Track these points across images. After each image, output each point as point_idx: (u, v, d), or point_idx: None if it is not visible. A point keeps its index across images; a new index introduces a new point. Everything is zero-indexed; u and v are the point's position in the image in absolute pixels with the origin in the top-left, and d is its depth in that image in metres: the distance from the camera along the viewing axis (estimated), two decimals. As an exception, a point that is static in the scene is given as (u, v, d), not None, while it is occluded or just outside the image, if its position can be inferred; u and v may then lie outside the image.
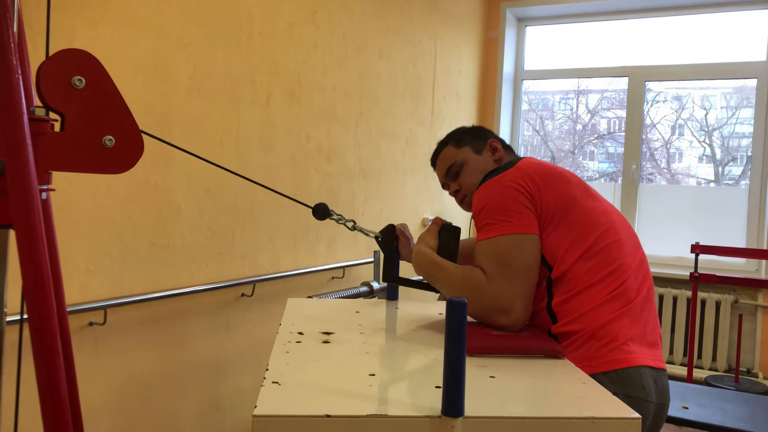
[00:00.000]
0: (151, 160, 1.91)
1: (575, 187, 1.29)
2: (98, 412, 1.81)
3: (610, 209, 1.34)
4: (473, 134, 1.52)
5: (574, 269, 1.23)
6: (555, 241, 1.24)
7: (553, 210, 1.25)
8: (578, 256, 1.23)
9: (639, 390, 1.18)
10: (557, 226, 1.25)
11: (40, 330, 0.82)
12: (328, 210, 1.35)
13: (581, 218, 1.26)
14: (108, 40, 1.75)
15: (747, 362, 3.74)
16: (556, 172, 1.30)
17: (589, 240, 1.24)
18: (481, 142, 1.51)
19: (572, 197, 1.27)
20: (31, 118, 0.85)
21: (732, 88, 4.08)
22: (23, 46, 0.92)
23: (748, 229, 3.90)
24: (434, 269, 1.29)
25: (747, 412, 2.23)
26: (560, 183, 1.28)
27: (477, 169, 1.48)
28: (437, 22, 3.62)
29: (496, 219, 1.24)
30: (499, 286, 1.19)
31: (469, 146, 1.50)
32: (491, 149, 1.50)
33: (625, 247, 1.28)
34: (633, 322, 1.22)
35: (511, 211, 1.23)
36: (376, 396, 0.86)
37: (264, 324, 2.43)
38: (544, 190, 1.25)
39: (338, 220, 1.38)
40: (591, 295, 1.21)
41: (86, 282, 1.74)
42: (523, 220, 1.23)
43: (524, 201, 1.24)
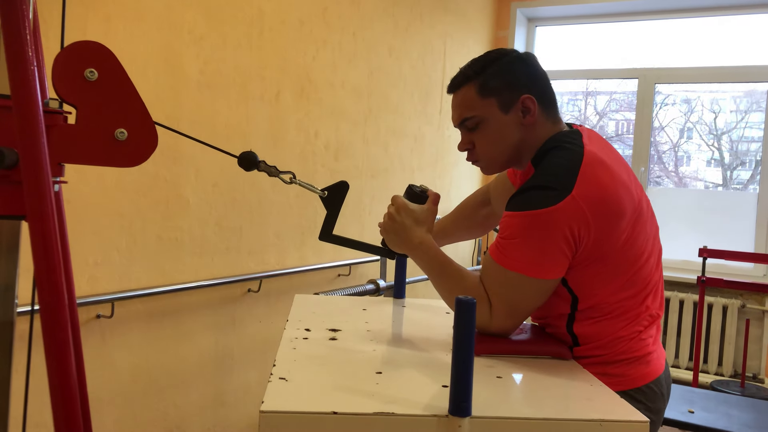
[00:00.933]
0: (161, 154, 1.92)
1: (628, 218, 1.10)
2: (104, 404, 1.82)
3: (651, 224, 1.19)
4: (506, 80, 1.18)
5: (606, 300, 1.14)
6: (587, 277, 1.12)
7: (597, 253, 1.09)
8: (612, 290, 1.13)
9: (659, 400, 1.19)
10: (592, 265, 1.11)
11: (51, 321, 0.83)
12: (256, 159, 1.13)
13: (624, 257, 1.12)
14: (120, 34, 1.76)
15: (753, 367, 3.72)
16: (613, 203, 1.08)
17: (629, 272, 1.13)
18: (513, 94, 1.18)
19: (620, 238, 1.10)
20: (45, 110, 0.86)
21: (742, 91, 4.06)
22: (38, 39, 0.92)
23: (756, 234, 3.88)
24: (438, 268, 1.18)
25: (753, 418, 2.22)
26: (614, 221, 1.08)
27: (500, 133, 1.20)
28: (447, 20, 3.61)
29: (528, 255, 1.08)
30: (502, 323, 1.12)
31: (496, 98, 1.18)
32: (522, 109, 1.19)
33: (653, 263, 1.19)
34: (653, 334, 1.21)
35: (547, 254, 1.07)
36: (383, 394, 0.86)
37: (270, 320, 2.43)
38: (594, 233, 1.07)
39: (270, 173, 1.13)
40: (617, 322, 1.16)
41: (94, 275, 1.75)
42: (554, 267, 1.09)
43: (566, 248, 1.07)
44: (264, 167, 1.13)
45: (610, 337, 1.16)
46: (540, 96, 1.19)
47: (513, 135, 1.20)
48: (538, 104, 1.19)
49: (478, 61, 1.22)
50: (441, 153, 3.67)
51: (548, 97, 1.21)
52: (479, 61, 1.21)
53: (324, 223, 1.26)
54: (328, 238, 1.27)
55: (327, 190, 1.25)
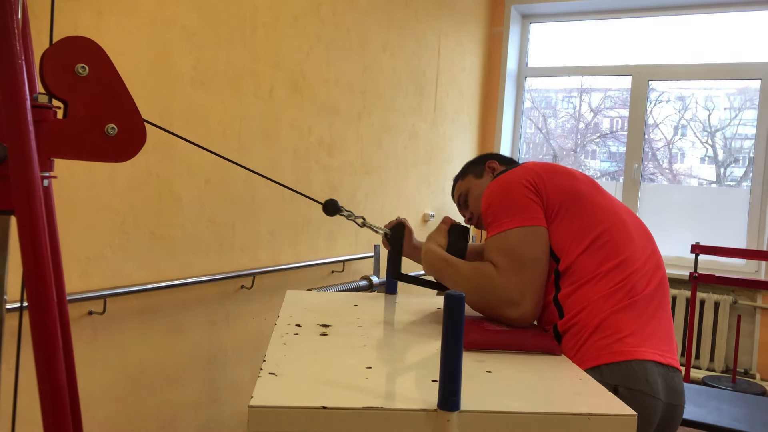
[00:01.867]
0: (153, 150, 1.91)
1: (582, 183, 1.32)
2: (96, 401, 1.82)
3: (619, 206, 1.35)
4: (474, 162, 1.63)
5: (580, 261, 1.23)
6: (561, 233, 1.26)
7: (559, 203, 1.27)
8: (583, 248, 1.24)
9: (642, 383, 1.15)
10: (563, 219, 1.26)
11: (39, 318, 0.83)
12: (338, 206, 1.36)
13: (587, 211, 1.27)
14: (112, 29, 1.75)
15: (744, 363, 3.75)
16: (562, 169, 1.33)
17: (594, 232, 1.25)
18: (481, 166, 1.61)
19: (578, 191, 1.29)
20: (34, 104, 0.86)
21: (736, 89, 4.07)
22: (27, 33, 0.92)
23: (748, 231, 3.90)
24: (443, 266, 1.31)
25: (744, 413, 2.23)
26: (566, 177, 1.31)
27: (479, 192, 1.57)
28: (441, 17, 3.61)
29: (502, 214, 1.26)
30: (509, 278, 1.21)
31: (471, 174, 1.62)
32: (490, 170, 1.59)
33: (634, 241, 1.28)
34: (637, 315, 1.20)
35: (518, 206, 1.25)
36: (372, 388, 0.87)
37: (263, 316, 2.43)
38: (549, 184, 1.28)
39: (348, 217, 1.39)
40: (595, 287, 1.21)
41: (86, 271, 1.75)
42: (529, 213, 1.25)
43: (530, 195, 1.26)
44: (345, 213, 1.39)
45: (587, 302, 1.20)
46: (500, 159, 1.61)
47: None
48: (500, 163, 1.60)
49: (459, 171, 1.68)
50: (435, 150, 3.67)
51: (509, 159, 1.62)
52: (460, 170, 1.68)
53: (393, 263, 1.48)
54: (399, 277, 1.46)
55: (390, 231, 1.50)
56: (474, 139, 4.25)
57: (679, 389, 1.23)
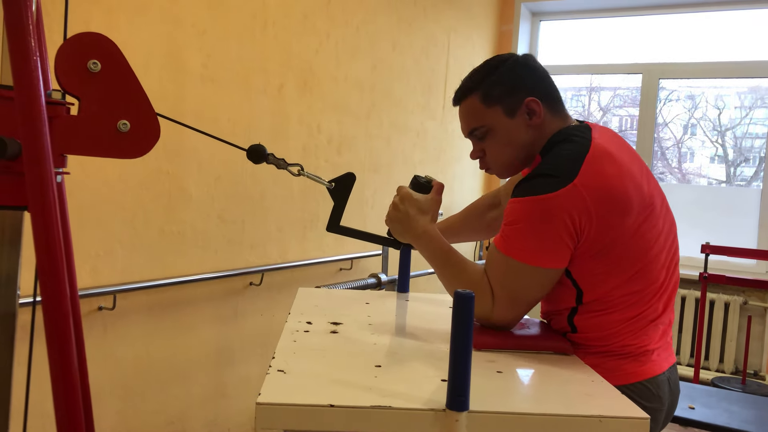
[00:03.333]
0: (163, 148, 1.92)
1: (635, 214, 1.10)
2: (106, 395, 1.83)
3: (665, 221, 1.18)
4: (508, 86, 1.20)
5: (610, 294, 1.13)
6: (591, 269, 1.12)
7: (600, 246, 1.09)
8: (616, 284, 1.12)
9: (654, 400, 1.16)
10: (597, 258, 1.10)
11: (52, 312, 0.83)
12: (264, 152, 1.16)
13: (630, 251, 1.11)
14: (123, 26, 1.76)
15: (754, 364, 3.72)
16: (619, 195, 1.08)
17: (633, 269, 1.12)
18: (517, 99, 1.19)
19: (626, 232, 1.09)
20: (48, 101, 0.86)
21: (747, 87, 4.04)
22: (41, 30, 0.92)
23: (759, 231, 3.87)
24: (442, 257, 1.19)
25: (753, 415, 2.22)
26: (619, 214, 1.08)
27: (508, 138, 1.21)
28: (451, 15, 3.60)
29: (527, 239, 1.09)
30: (503, 313, 1.13)
31: (500, 105, 1.19)
32: (528, 111, 1.20)
33: (662, 255, 1.17)
34: (652, 337, 1.18)
35: (547, 241, 1.08)
36: (381, 387, 0.86)
37: (271, 313, 2.44)
38: (596, 224, 1.07)
39: (278, 165, 1.16)
40: (617, 317, 1.14)
41: (97, 267, 1.76)
42: (556, 255, 1.09)
43: (567, 237, 1.07)
44: (272, 160, 1.16)
45: (608, 332, 1.15)
46: (544, 96, 1.21)
47: (522, 138, 1.21)
48: (543, 104, 1.20)
49: (478, 70, 1.23)
50: (444, 148, 3.66)
51: (552, 96, 1.23)
52: (479, 70, 1.23)
53: (331, 215, 1.29)
54: (335, 229, 1.30)
55: (334, 182, 1.28)
56: (483, 137, 4.23)
57: (677, 382, 1.24)
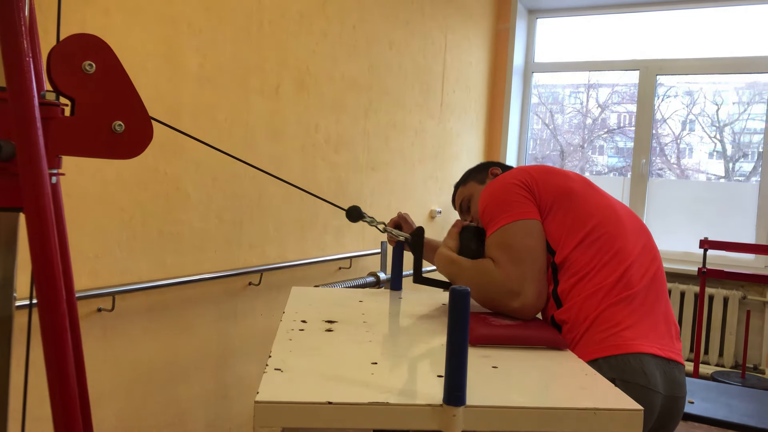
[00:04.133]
0: (161, 148, 1.92)
1: (576, 182, 1.36)
2: (105, 397, 1.83)
3: (614, 202, 1.38)
4: (476, 169, 1.67)
5: (574, 255, 1.27)
6: (555, 227, 1.30)
7: (552, 199, 1.32)
8: (577, 241, 1.27)
9: (639, 376, 1.15)
10: (556, 214, 1.31)
11: (49, 315, 0.83)
12: (361, 212, 1.40)
13: (580, 206, 1.31)
14: (119, 27, 1.76)
15: (754, 358, 3.73)
16: (555, 170, 1.39)
17: (587, 226, 1.29)
18: (483, 173, 1.64)
19: (570, 189, 1.34)
20: (42, 102, 0.86)
21: (744, 83, 4.04)
22: (34, 31, 0.92)
23: (757, 226, 3.87)
24: (450, 266, 1.37)
25: (753, 408, 2.22)
26: (558, 177, 1.36)
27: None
28: (448, 13, 3.60)
29: (497, 213, 1.32)
30: (507, 269, 1.24)
31: (473, 180, 1.64)
32: (492, 176, 1.61)
33: (627, 234, 1.30)
34: (634, 309, 1.22)
35: (510, 203, 1.31)
36: (378, 384, 0.87)
37: (271, 313, 2.44)
38: (542, 183, 1.34)
39: (370, 223, 1.43)
40: (592, 281, 1.24)
41: (95, 268, 1.76)
42: (521, 208, 1.30)
43: (522, 192, 1.32)
44: (367, 219, 1.42)
45: (584, 295, 1.22)
46: (503, 167, 1.63)
47: None
48: (502, 170, 1.61)
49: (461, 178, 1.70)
50: (442, 146, 3.66)
51: (508, 167, 1.63)
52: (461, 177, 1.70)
53: (414, 267, 1.52)
54: (421, 281, 1.52)
55: (411, 236, 1.53)
56: (481, 135, 4.24)
57: (679, 381, 1.23)
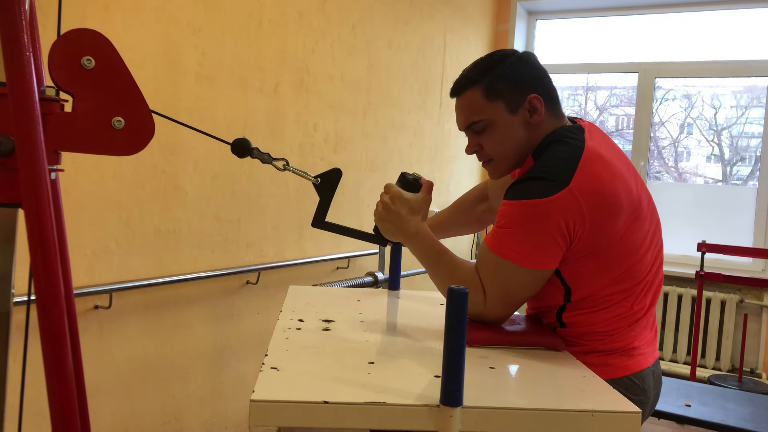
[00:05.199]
0: (159, 146, 1.92)
1: (625, 216, 1.11)
2: (101, 394, 1.83)
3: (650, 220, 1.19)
4: (512, 81, 1.19)
5: (598, 293, 1.15)
6: (580, 269, 1.14)
7: (591, 249, 1.11)
8: (604, 284, 1.14)
9: (641, 393, 1.18)
10: (586, 258, 1.12)
11: (47, 311, 0.83)
12: (249, 146, 1.15)
13: (616, 254, 1.13)
14: (118, 24, 1.76)
15: (751, 362, 3.73)
16: (611, 198, 1.09)
17: (621, 269, 1.14)
18: (520, 95, 1.19)
19: (616, 234, 1.11)
20: (42, 97, 0.86)
21: (743, 86, 4.05)
22: (34, 26, 0.92)
23: (755, 229, 3.88)
24: (434, 257, 1.20)
25: (750, 412, 2.23)
26: (610, 216, 1.09)
27: (507, 134, 1.20)
28: (447, 14, 3.60)
29: (520, 242, 1.10)
30: (494, 311, 1.15)
31: (503, 100, 1.19)
32: (530, 108, 1.20)
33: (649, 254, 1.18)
34: (641, 329, 1.20)
35: (541, 246, 1.09)
36: (374, 384, 0.87)
37: (268, 312, 2.44)
38: (589, 227, 1.08)
39: (263, 160, 1.15)
40: (606, 315, 1.16)
41: (92, 265, 1.76)
42: (548, 257, 1.10)
43: (559, 239, 1.08)
44: (257, 154, 1.15)
45: (595, 328, 1.17)
46: (545, 94, 1.21)
47: (520, 134, 1.21)
48: (544, 102, 1.20)
49: (481, 63, 1.21)
50: (440, 147, 3.66)
51: (552, 95, 1.23)
52: (482, 63, 1.21)
53: (317, 210, 1.28)
54: (320, 225, 1.29)
55: (320, 177, 1.26)
56: (479, 136, 4.24)
57: (660, 375, 1.26)
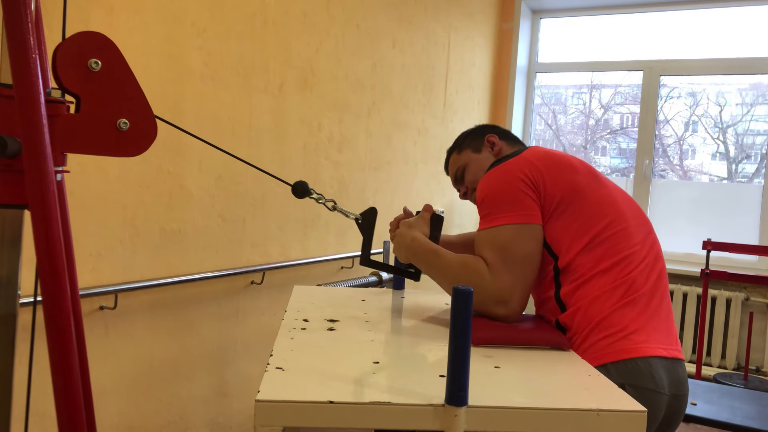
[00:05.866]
0: (164, 146, 1.92)
1: (582, 175, 1.28)
2: (107, 395, 1.83)
3: (619, 197, 1.32)
4: (472, 135, 1.56)
5: (579, 259, 1.22)
6: (559, 230, 1.23)
7: (558, 199, 1.24)
8: (583, 245, 1.22)
9: (648, 380, 1.16)
10: (561, 216, 1.24)
11: (53, 312, 0.84)
12: (308, 188, 1.31)
13: (587, 207, 1.24)
14: (123, 25, 1.76)
15: (756, 360, 3.72)
16: (562, 160, 1.28)
17: (594, 229, 1.23)
18: (479, 140, 1.54)
19: (578, 186, 1.26)
20: (47, 99, 0.86)
21: (748, 84, 4.03)
22: (40, 28, 0.92)
23: (761, 227, 3.87)
24: (432, 257, 1.28)
25: (756, 410, 2.22)
26: (566, 171, 1.27)
27: (478, 167, 1.52)
28: (451, 12, 3.60)
29: (498, 208, 1.23)
30: (500, 276, 1.19)
31: (469, 148, 1.55)
32: (489, 144, 1.53)
33: (633, 234, 1.26)
34: (641, 311, 1.20)
35: (514, 201, 1.23)
36: (379, 383, 0.87)
37: (273, 312, 2.44)
38: (548, 179, 1.24)
39: (318, 200, 1.32)
40: (597, 284, 1.20)
41: (98, 266, 1.76)
42: (525, 209, 1.22)
43: (527, 190, 1.23)
44: (314, 195, 1.33)
45: (589, 299, 1.19)
46: (500, 133, 1.56)
47: (488, 164, 1.50)
48: (499, 138, 1.54)
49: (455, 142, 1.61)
50: (444, 146, 3.66)
51: (508, 134, 1.56)
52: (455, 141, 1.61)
53: (362, 249, 1.43)
54: (368, 263, 1.42)
55: (361, 216, 1.42)
56: (483, 135, 4.23)
57: (683, 379, 1.24)
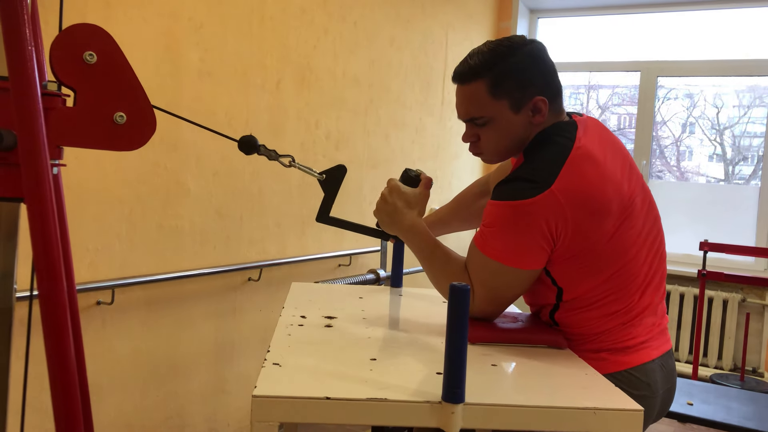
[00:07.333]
0: (161, 142, 1.92)
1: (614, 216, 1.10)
2: (104, 390, 1.83)
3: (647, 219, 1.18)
4: (519, 80, 1.15)
5: (589, 293, 1.15)
6: (570, 269, 1.13)
7: (577, 248, 1.10)
8: (595, 284, 1.14)
9: (644, 388, 1.16)
10: (576, 258, 1.12)
11: (50, 306, 0.83)
12: (256, 143, 1.16)
13: (607, 254, 1.12)
14: (120, 20, 1.76)
15: (753, 361, 3.73)
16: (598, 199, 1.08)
17: (610, 270, 1.13)
18: (526, 95, 1.16)
19: (603, 236, 1.10)
20: (44, 92, 0.86)
21: (745, 86, 4.04)
22: (36, 21, 0.92)
23: (757, 228, 3.87)
24: (427, 252, 1.20)
25: (752, 411, 2.22)
26: (595, 218, 1.08)
27: (507, 131, 1.18)
28: (449, 11, 3.59)
29: (505, 244, 1.11)
30: (483, 308, 1.16)
31: (508, 99, 1.16)
32: (533, 109, 1.17)
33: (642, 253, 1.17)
34: (637, 328, 1.18)
35: (522, 246, 1.10)
36: (376, 380, 0.87)
37: (270, 309, 2.44)
38: (571, 229, 1.08)
39: (270, 156, 1.16)
40: (599, 313, 1.16)
41: (94, 261, 1.76)
42: (532, 258, 1.11)
43: (542, 241, 1.09)
44: (264, 151, 1.17)
45: (589, 327, 1.17)
46: (551, 94, 1.18)
47: (519, 133, 1.19)
48: (549, 103, 1.18)
49: (489, 53, 1.16)
50: (442, 144, 3.66)
51: (557, 92, 1.20)
52: (491, 53, 1.16)
53: (321, 205, 1.30)
54: (324, 220, 1.30)
55: (325, 174, 1.28)
56: (481, 134, 4.23)
57: (673, 368, 1.24)
